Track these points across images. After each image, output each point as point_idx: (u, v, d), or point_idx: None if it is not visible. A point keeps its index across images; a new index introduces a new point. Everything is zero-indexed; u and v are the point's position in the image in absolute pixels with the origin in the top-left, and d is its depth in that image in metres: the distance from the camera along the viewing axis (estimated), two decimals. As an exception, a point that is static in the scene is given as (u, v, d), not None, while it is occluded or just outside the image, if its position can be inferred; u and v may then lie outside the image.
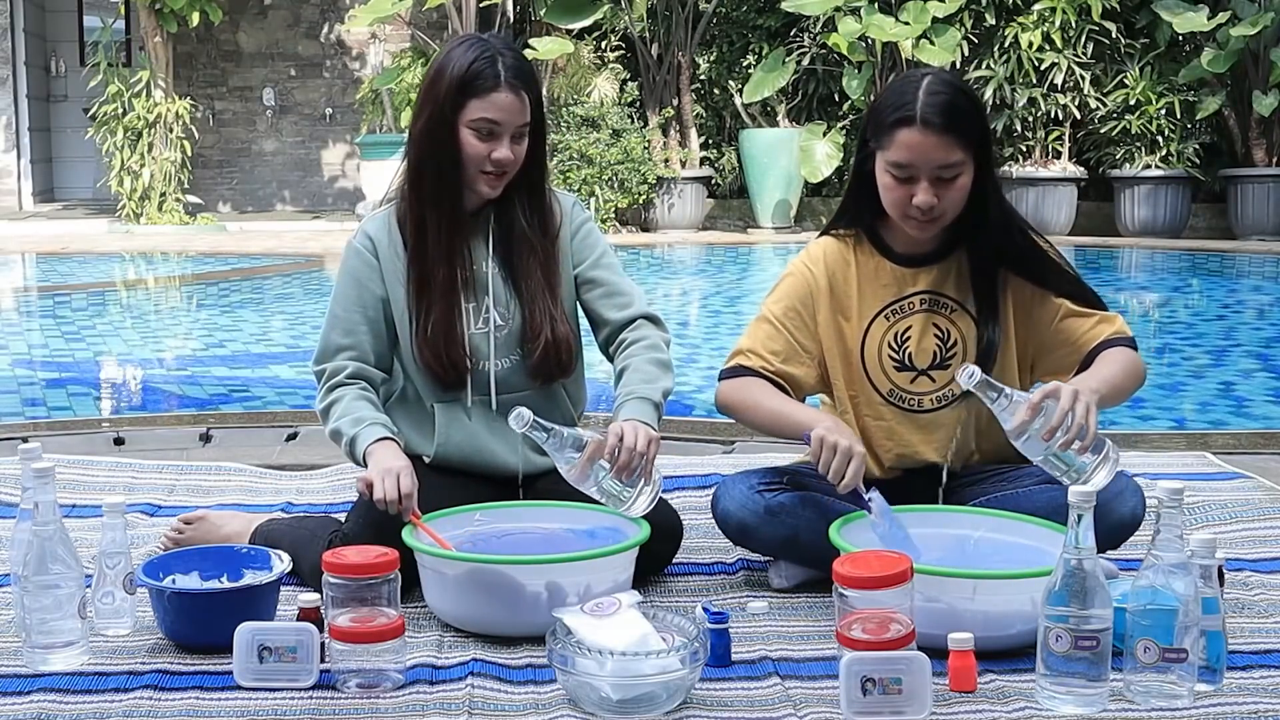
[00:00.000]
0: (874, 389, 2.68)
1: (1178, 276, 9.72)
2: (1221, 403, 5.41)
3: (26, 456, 2.41)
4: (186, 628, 2.34)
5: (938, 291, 2.67)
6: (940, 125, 2.49)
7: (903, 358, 2.66)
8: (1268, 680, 2.19)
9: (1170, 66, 11.03)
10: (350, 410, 2.62)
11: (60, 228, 12.36)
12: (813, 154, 11.49)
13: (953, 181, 2.53)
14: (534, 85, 2.66)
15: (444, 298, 2.67)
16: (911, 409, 2.67)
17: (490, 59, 2.61)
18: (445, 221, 2.67)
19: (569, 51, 11.55)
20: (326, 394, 2.68)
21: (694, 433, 4.19)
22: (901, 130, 2.50)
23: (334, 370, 2.68)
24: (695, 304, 8.82)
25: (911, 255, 2.67)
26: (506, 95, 2.60)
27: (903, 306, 2.66)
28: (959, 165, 2.52)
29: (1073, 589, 2.03)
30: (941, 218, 2.56)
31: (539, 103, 2.68)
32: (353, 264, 2.72)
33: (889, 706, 2.02)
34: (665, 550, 2.70)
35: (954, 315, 2.67)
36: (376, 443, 2.56)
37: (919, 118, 2.49)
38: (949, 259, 2.67)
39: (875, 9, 11.05)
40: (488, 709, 2.11)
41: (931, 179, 2.51)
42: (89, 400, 5.59)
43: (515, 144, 2.64)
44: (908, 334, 2.66)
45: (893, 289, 2.67)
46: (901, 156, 2.51)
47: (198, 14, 12.29)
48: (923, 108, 2.49)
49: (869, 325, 2.67)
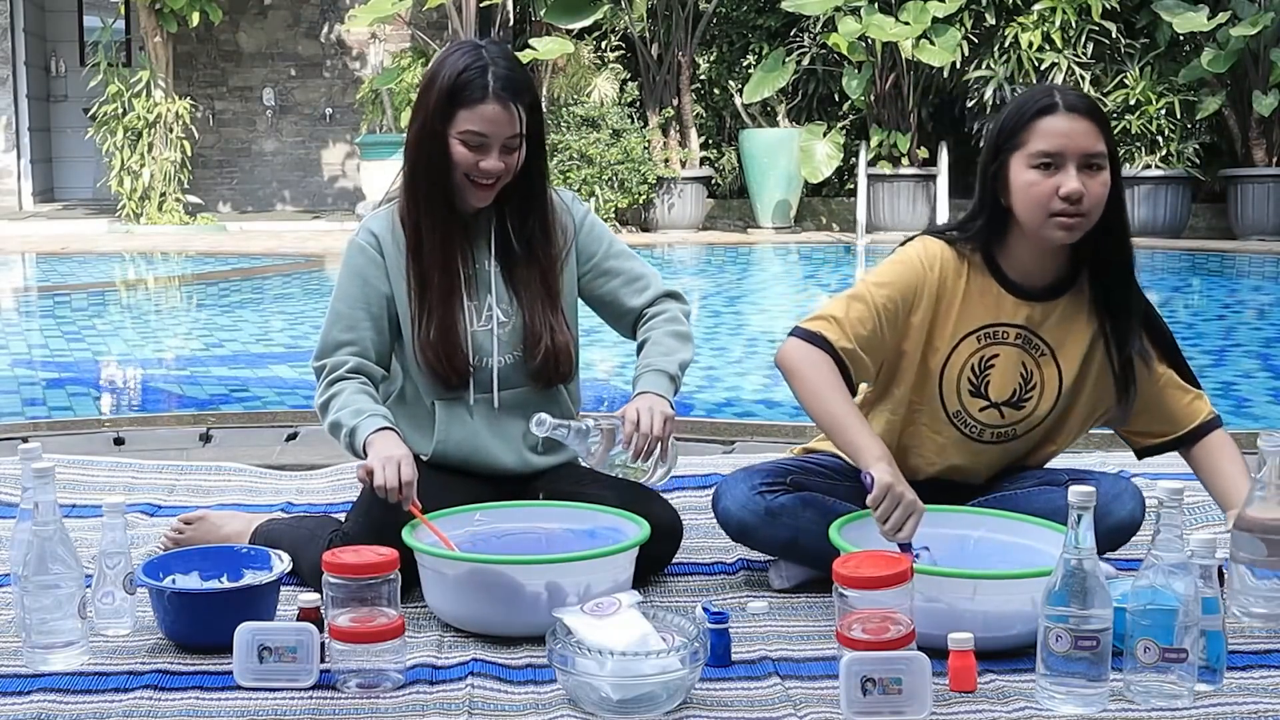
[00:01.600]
0: (942, 406, 2.62)
1: (1178, 276, 9.72)
2: (1221, 403, 5.40)
3: (26, 456, 2.41)
4: (186, 628, 2.34)
5: (1035, 331, 2.58)
6: (1085, 110, 2.46)
7: (980, 385, 2.60)
8: (1268, 680, 2.19)
9: (1170, 66, 11.02)
10: (350, 403, 2.61)
11: (60, 228, 12.36)
12: (813, 154, 11.49)
13: (1098, 174, 2.45)
14: (526, 94, 2.63)
15: (444, 300, 2.67)
16: (971, 436, 2.63)
17: (481, 69, 2.59)
18: (440, 225, 2.67)
19: (569, 51, 11.54)
20: (326, 389, 2.66)
21: (694, 433, 4.20)
22: (1044, 119, 2.45)
23: (334, 365, 2.67)
24: (695, 304, 8.82)
25: (1023, 286, 2.58)
26: (494, 107, 2.58)
27: (998, 333, 2.59)
28: (1103, 158, 2.46)
29: (1073, 589, 2.03)
30: (1088, 215, 2.46)
31: (535, 110, 2.66)
32: (357, 261, 2.71)
33: (889, 706, 2.02)
34: (665, 550, 2.70)
35: (1042, 359, 2.60)
36: (376, 433, 2.55)
37: (1063, 104, 2.45)
38: (1058, 300, 2.59)
39: (875, 9, 11.05)
40: (488, 709, 2.11)
41: (1080, 165, 2.44)
42: (89, 400, 5.59)
43: (505, 154, 2.62)
44: (992, 362, 2.59)
45: (993, 312, 2.58)
46: (1048, 144, 2.44)
47: (198, 14, 12.29)
48: (1064, 96, 2.47)
49: (959, 343, 2.59)
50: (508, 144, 2.61)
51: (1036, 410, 2.62)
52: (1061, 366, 2.60)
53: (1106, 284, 2.58)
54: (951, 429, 2.63)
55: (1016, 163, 2.48)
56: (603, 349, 6.84)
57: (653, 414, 2.55)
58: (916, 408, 2.64)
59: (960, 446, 2.64)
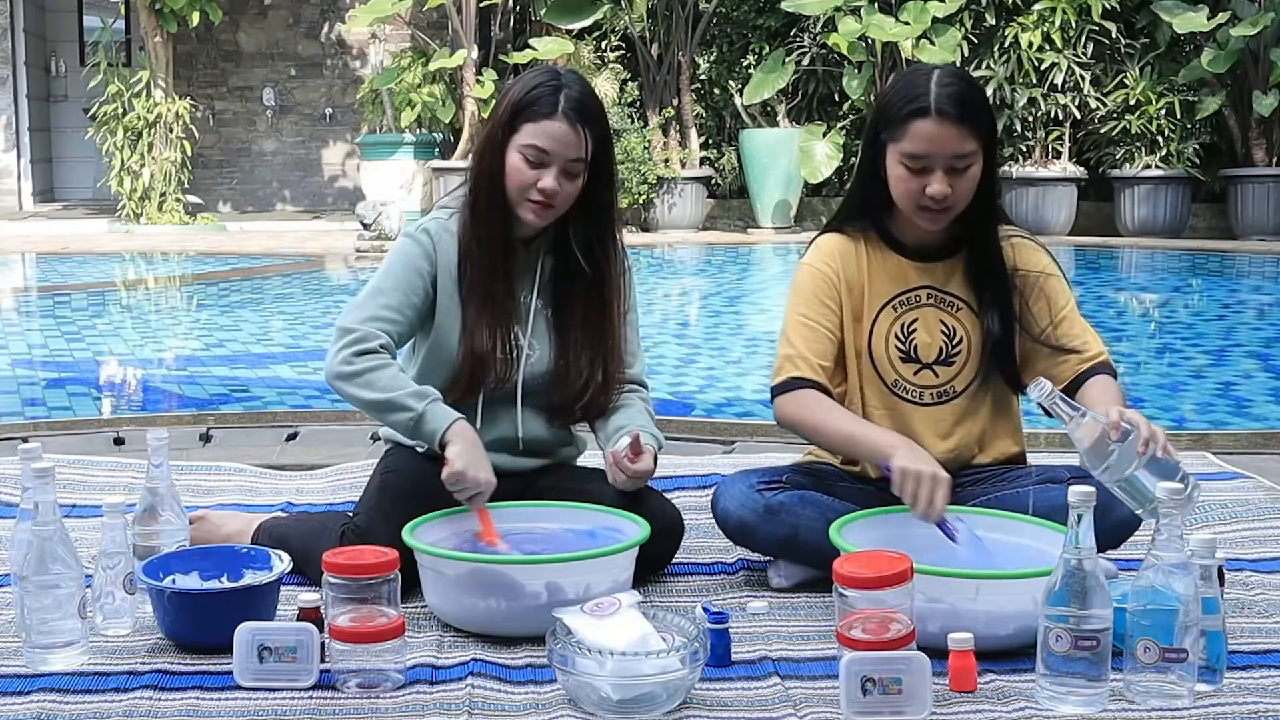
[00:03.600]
0: (880, 379, 2.68)
1: (1178, 276, 9.72)
2: (1221, 403, 5.41)
3: (26, 456, 2.41)
4: (186, 628, 2.34)
5: (942, 289, 2.68)
6: (955, 115, 2.51)
7: (908, 349, 2.68)
8: (1268, 680, 2.19)
9: (1170, 66, 11.02)
10: (402, 382, 2.57)
11: (60, 228, 12.36)
12: (812, 154, 11.49)
13: (965, 171, 2.55)
14: (596, 124, 2.61)
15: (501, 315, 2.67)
16: (914, 401, 2.68)
17: (554, 87, 2.58)
18: (496, 240, 2.65)
19: (569, 51, 11.54)
20: (355, 356, 2.57)
21: (694, 433, 4.20)
22: (916, 121, 2.52)
23: (367, 335, 2.59)
24: (695, 304, 8.82)
25: (920, 249, 2.68)
26: (560, 125, 2.57)
27: (910, 299, 2.68)
28: (971, 155, 2.54)
29: (1073, 589, 2.03)
30: (953, 208, 2.58)
31: (604, 143, 2.63)
32: (413, 252, 2.69)
33: (889, 706, 2.02)
34: (666, 549, 2.70)
35: (959, 313, 2.68)
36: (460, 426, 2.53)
37: (934, 108, 2.51)
38: (955, 256, 2.69)
39: (875, 9, 11.05)
40: (488, 709, 2.11)
41: (946, 169, 2.53)
42: (89, 400, 5.59)
43: (565, 178, 2.60)
44: (914, 326, 2.67)
45: (900, 281, 2.68)
46: (917, 147, 2.52)
47: (198, 14, 12.29)
48: (936, 98, 2.51)
49: (877, 315, 2.68)
50: (569, 167, 2.59)
51: (968, 363, 2.68)
52: (977, 310, 2.67)
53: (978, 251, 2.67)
54: (894, 399, 2.68)
55: (891, 153, 2.58)
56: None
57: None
58: (864, 393, 2.69)
59: (911, 416, 2.68)
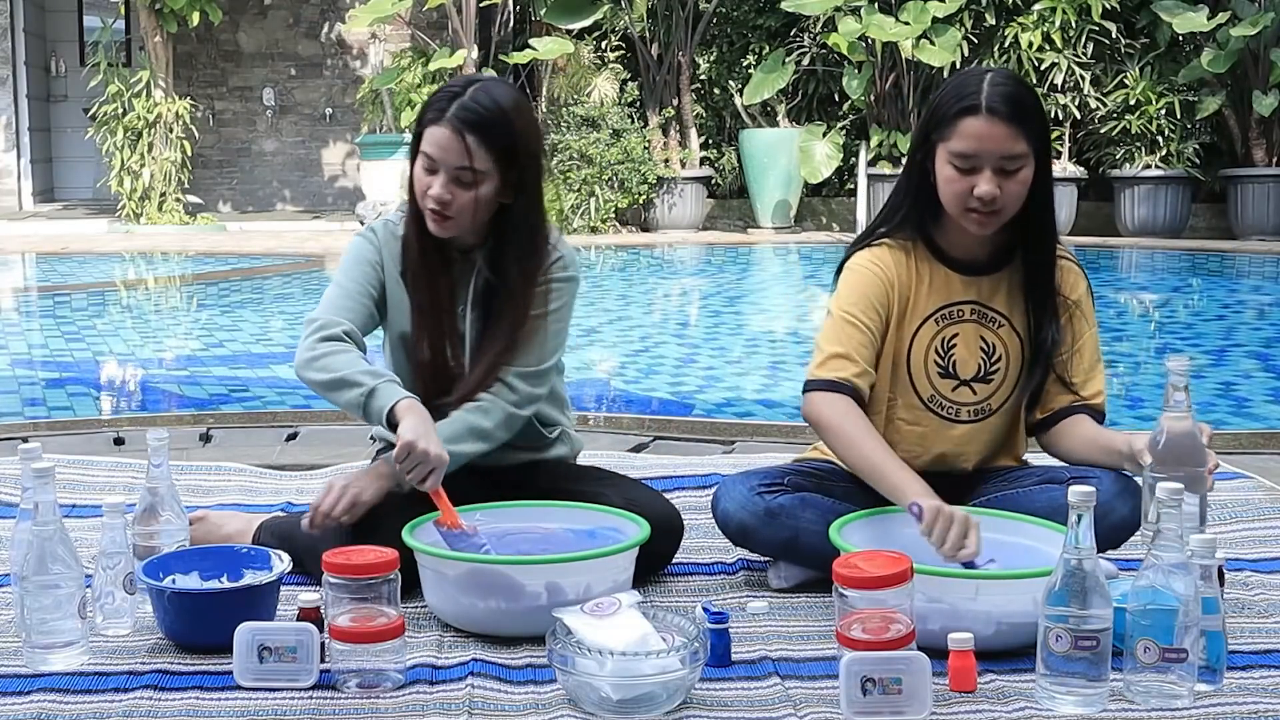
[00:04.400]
0: (915, 393, 2.65)
1: (1178, 276, 9.72)
2: (1221, 403, 5.41)
3: (26, 456, 2.40)
4: (186, 628, 2.33)
5: (987, 305, 2.64)
6: (1005, 114, 2.48)
7: (947, 365, 2.64)
8: (1268, 680, 2.19)
9: (1170, 66, 11.02)
10: (357, 364, 2.56)
11: (60, 228, 12.36)
12: (812, 154, 11.49)
13: (1015, 174, 2.50)
14: (491, 135, 2.55)
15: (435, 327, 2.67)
16: (949, 418, 2.66)
17: (453, 95, 2.57)
18: (423, 249, 2.66)
19: (569, 51, 11.55)
20: (317, 343, 2.59)
21: (694, 433, 4.20)
22: (966, 119, 2.49)
23: (328, 322, 2.62)
24: (695, 304, 8.82)
25: (967, 263, 2.64)
26: (444, 132, 2.55)
27: (952, 313, 2.64)
28: (1022, 158, 2.50)
29: (1073, 589, 2.03)
30: (1001, 212, 2.52)
31: (509, 155, 2.58)
32: (363, 247, 2.72)
33: (889, 706, 2.02)
34: (666, 547, 2.70)
35: (1000, 330, 2.65)
36: (409, 402, 2.51)
37: (984, 106, 2.48)
38: (1001, 272, 2.65)
39: (875, 9, 11.05)
40: (488, 709, 2.11)
41: (995, 169, 2.49)
42: (89, 400, 5.59)
43: (455, 186, 2.57)
44: (954, 341, 2.64)
45: (945, 294, 2.64)
46: (966, 146, 2.49)
47: (198, 14, 12.29)
48: (988, 97, 2.48)
49: (918, 328, 2.64)
50: (459, 175, 2.57)
51: (1005, 380, 2.66)
52: (1019, 329, 2.66)
53: (1032, 264, 2.64)
54: (929, 415, 2.66)
55: (940, 154, 2.54)
56: (602, 348, 6.84)
57: None
58: (893, 402, 2.67)
59: (940, 432, 2.67)
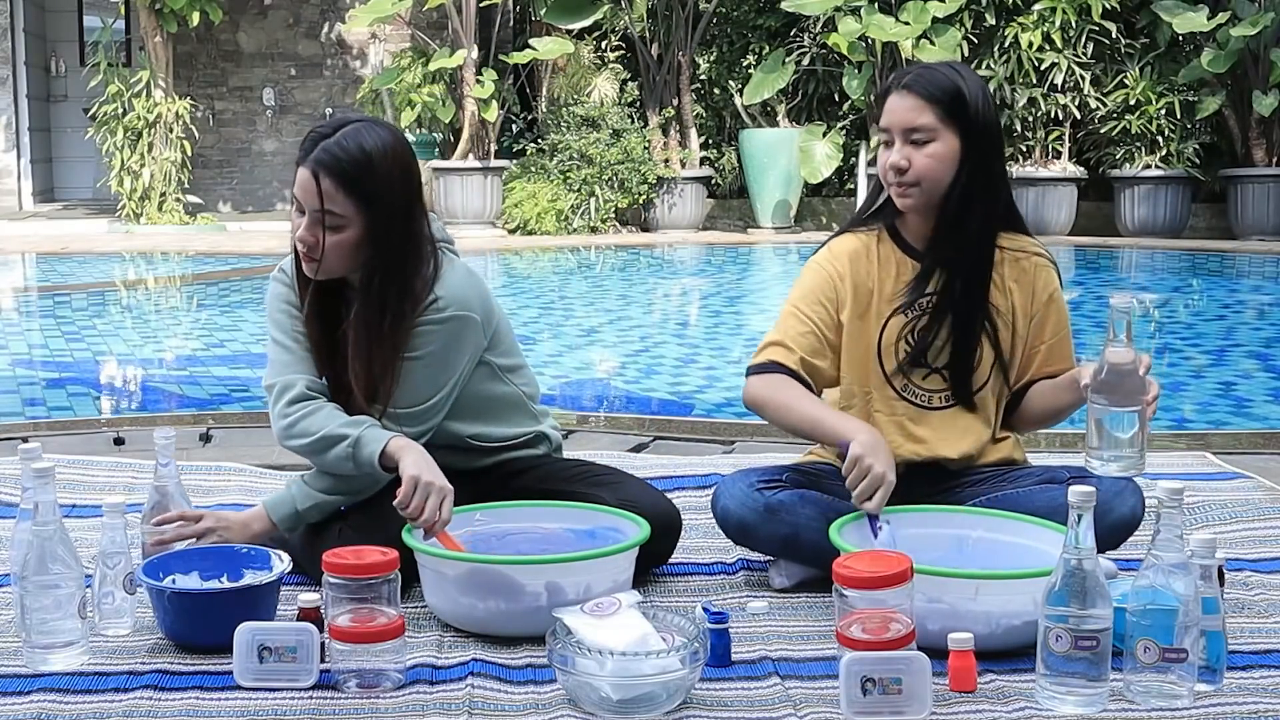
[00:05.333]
0: (889, 383, 2.68)
1: (1178, 276, 9.72)
2: (1221, 403, 5.41)
3: (26, 456, 2.41)
4: (186, 628, 2.34)
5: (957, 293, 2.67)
6: (915, 89, 2.59)
7: (919, 353, 2.67)
8: (1268, 680, 2.19)
9: (1170, 66, 11.02)
10: (333, 418, 2.58)
11: (60, 228, 12.36)
12: (812, 154, 11.49)
13: (923, 146, 2.58)
14: (348, 180, 2.52)
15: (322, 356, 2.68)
16: (922, 405, 2.69)
17: (318, 136, 2.56)
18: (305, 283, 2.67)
19: (569, 51, 11.55)
20: (286, 409, 2.61)
21: (694, 433, 4.20)
22: (889, 98, 2.62)
23: (286, 384, 2.63)
24: (695, 304, 8.82)
25: (932, 251, 2.67)
26: (304, 173, 2.55)
27: (922, 304, 2.67)
28: (929, 130, 2.57)
29: (1073, 589, 2.03)
30: (919, 185, 2.59)
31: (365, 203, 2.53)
32: (277, 293, 2.73)
33: (889, 706, 2.02)
34: (665, 546, 2.70)
35: None
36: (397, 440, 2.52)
37: (899, 82, 2.61)
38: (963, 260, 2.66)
39: (875, 9, 11.05)
40: (488, 709, 2.11)
41: (904, 140, 2.58)
42: (89, 400, 5.59)
43: (314, 227, 2.55)
44: (924, 329, 2.67)
45: (912, 285, 2.67)
46: (883, 121, 2.62)
47: (198, 14, 12.28)
48: (907, 77, 2.61)
49: (888, 320, 2.67)
50: (317, 218, 2.55)
51: (979, 367, 2.68)
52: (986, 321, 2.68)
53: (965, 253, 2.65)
54: (902, 403, 2.69)
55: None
56: (602, 347, 6.84)
57: None
58: (868, 396, 2.70)
59: (917, 419, 2.69)
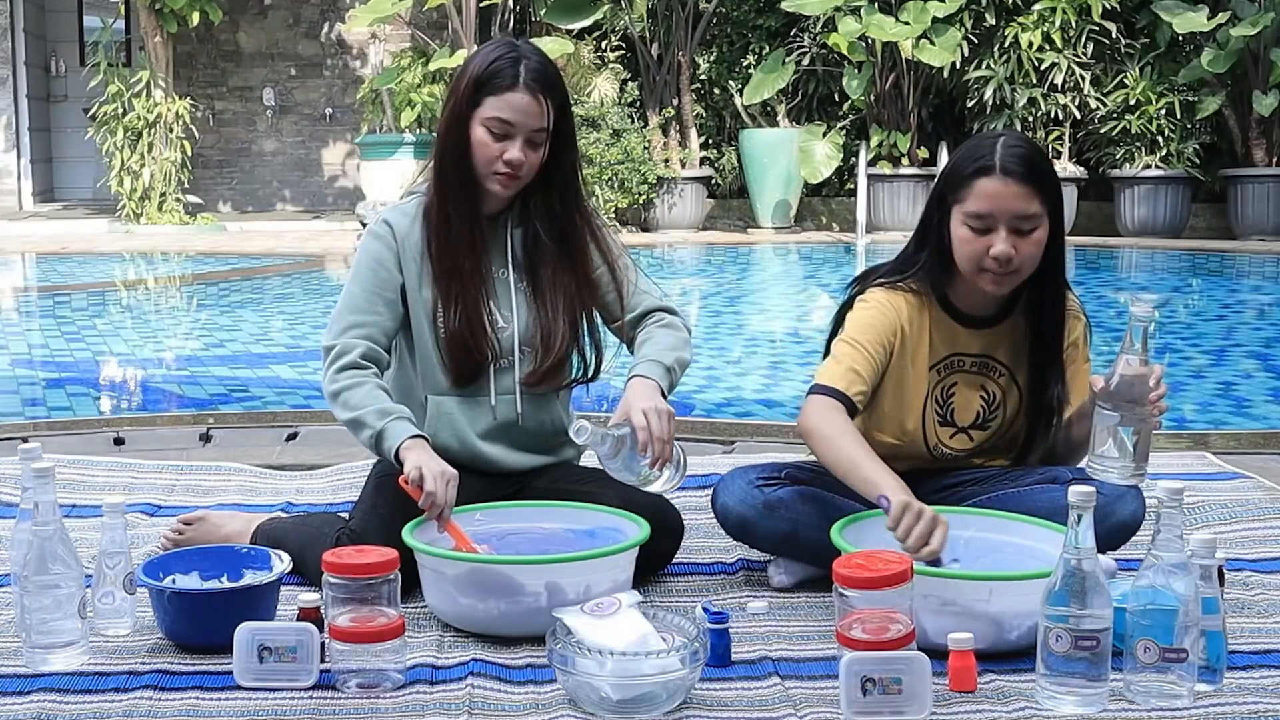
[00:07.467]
0: (924, 441, 2.68)
1: (1178, 276, 9.72)
2: (1221, 403, 5.41)
3: (26, 456, 2.41)
4: (186, 628, 2.34)
5: (990, 356, 2.67)
6: (1020, 174, 2.49)
7: (946, 413, 2.67)
8: (1268, 680, 2.19)
9: (1170, 66, 11.02)
10: (370, 399, 2.59)
11: (60, 228, 12.36)
12: (812, 154, 11.48)
13: (1029, 234, 2.51)
14: (556, 92, 2.64)
15: (471, 289, 2.67)
16: (938, 457, 2.71)
17: (513, 60, 2.61)
18: (466, 215, 2.67)
19: (569, 51, 11.54)
20: (336, 375, 2.63)
21: (694, 433, 4.20)
22: (981, 180, 2.50)
23: (344, 349, 2.64)
24: (695, 304, 8.82)
25: (971, 316, 2.66)
26: (523, 96, 2.60)
27: (954, 363, 2.66)
28: (1036, 218, 2.51)
29: (1072, 589, 2.03)
30: (1018, 272, 2.54)
31: (564, 110, 2.67)
32: (374, 248, 2.71)
33: (889, 706, 2.02)
34: (667, 547, 2.70)
35: (1001, 379, 2.68)
36: (413, 440, 2.54)
37: (999, 166, 2.50)
38: (1005, 323, 2.67)
39: (875, 9, 11.04)
40: (488, 709, 2.11)
41: (1010, 229, 2.50)
42: (89, 400, 5.59)
43: (530, 148, 2.63)
44: (953, 390, 2.67)
45: (950, 345, 2.66)
46: (981, 206, 2.50)
47: (198, 14, 12.29)
48: (1002, 158, 2.50)
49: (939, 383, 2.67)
50: (533, 137, 2.62)
51: (1000, 425, 2.71)
52: (1020, 383, 2.68)
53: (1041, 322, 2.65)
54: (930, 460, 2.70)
55: (955, 215, 2.56)
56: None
57: (659, 416, 2.51)
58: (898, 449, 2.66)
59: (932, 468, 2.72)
